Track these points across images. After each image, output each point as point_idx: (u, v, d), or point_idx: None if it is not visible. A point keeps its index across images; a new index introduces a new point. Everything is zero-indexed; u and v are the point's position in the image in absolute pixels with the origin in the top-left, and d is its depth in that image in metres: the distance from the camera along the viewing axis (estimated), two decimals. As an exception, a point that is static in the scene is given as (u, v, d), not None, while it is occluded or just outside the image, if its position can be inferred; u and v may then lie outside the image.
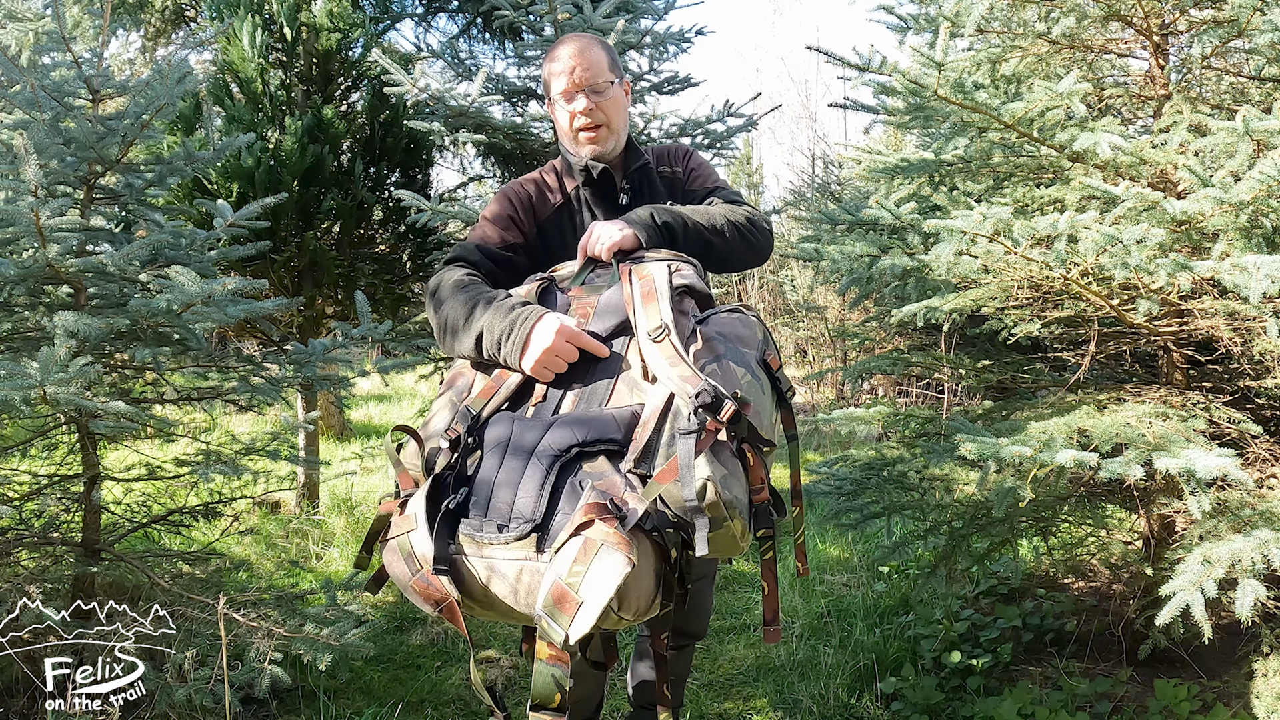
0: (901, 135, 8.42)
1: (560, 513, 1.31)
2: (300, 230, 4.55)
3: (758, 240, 1.94)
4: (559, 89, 1.94)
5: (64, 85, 2.69)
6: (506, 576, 1.32)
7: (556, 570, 1.22)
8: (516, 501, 1.34)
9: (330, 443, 7.40)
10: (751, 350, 1.53)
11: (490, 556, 1.33)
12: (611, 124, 1.96)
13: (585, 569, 1.19)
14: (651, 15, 4.67)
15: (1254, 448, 2.51)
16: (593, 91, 1.92)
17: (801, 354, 10.80)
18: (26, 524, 2.98)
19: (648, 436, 1.36)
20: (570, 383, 1.53)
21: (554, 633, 1.18)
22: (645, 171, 2.04)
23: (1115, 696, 2.73)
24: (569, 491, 1.33)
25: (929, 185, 2.91)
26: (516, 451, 1.39)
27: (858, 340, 5.10)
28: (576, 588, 1.19)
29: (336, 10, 4.58)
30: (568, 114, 1.95)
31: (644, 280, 1.58)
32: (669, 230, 1.81)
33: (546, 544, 1.29)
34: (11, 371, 2.20)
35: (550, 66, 1.96)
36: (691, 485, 1.27)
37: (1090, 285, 2.31)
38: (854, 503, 3.07)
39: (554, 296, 1.70)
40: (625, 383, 1.49)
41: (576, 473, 1.35)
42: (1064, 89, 2.30)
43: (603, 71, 1.93)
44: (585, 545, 1.21)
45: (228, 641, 2.46)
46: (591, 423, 1.40)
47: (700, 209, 1.91)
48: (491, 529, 1.33)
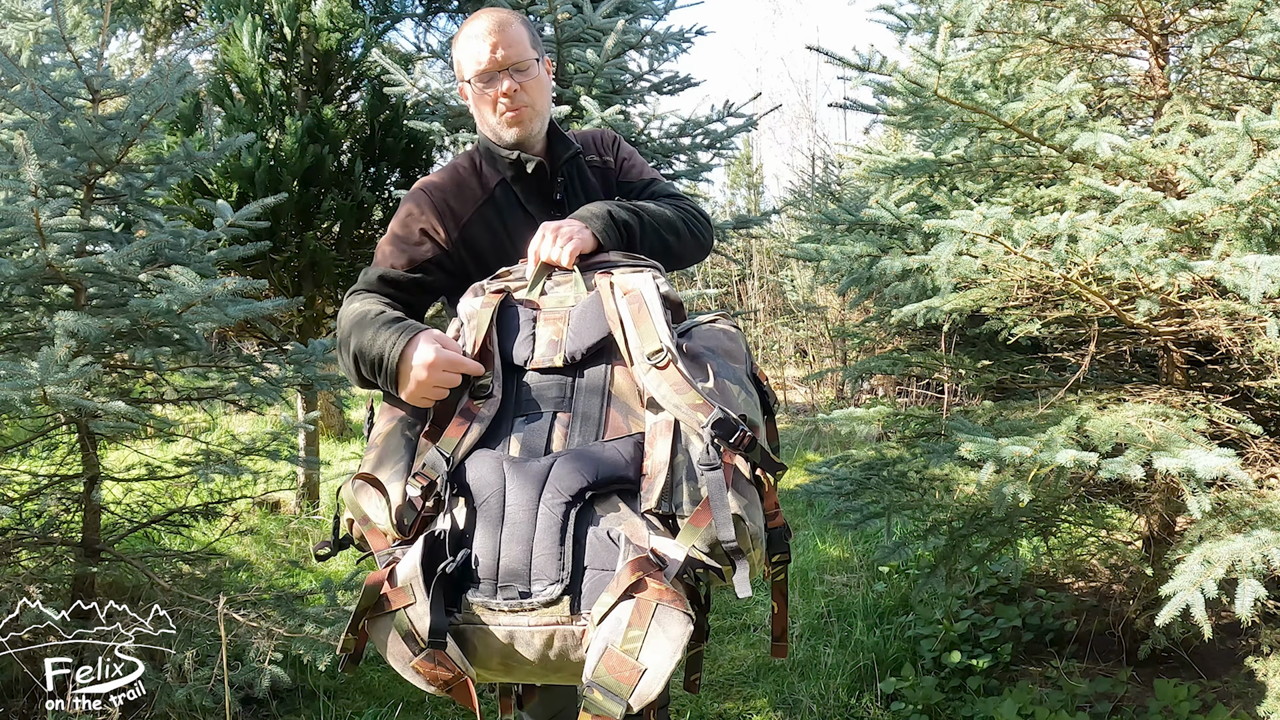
0: (901, 135, 8.42)
1: (590, 568, 1.19)
2: (300, 230, 4.56)
3: (705, 237, 1.82)
4: (475, 70, 1.71)
5: (64, 85, 2.69)
6: (533, 645, 1.20)
7: (606, 637, 1.13)
8: (534, 560, 1.20)
9: (330, 443, 7.39)
10: (741, 365, 1.45)
11: (511, 625, 1.20)
12: (535, 105, 1.73)
13: (643, 633, 1.11)
14: (651, 15, 4.68)
15: (1254, 448, 2.51)
16: (516, 71, 1.70)
17: (801, 354, 10.80)
18: (26, 524, 2.98)
19: (665, 474, 1.25)
20: (549, 407, 1.38)
21: (611, 704, 1.10)
22: (577, 162, 1.84)
23: (1115, 696, 2.73)
24: (593, 542, 1.21)
25: (929, 185, 2.91)
26: (518, 500, 1.24)
27: (858, 340, 5.10)
28: (636, 654, 1.11)
29: (336, 10, 4.59)
30: (489, 95, 1.72)
31: (630, 296, 1.42)
32: (627, 230, 1.65)
33: (581, 605, 1.18)
34: (11, 371, 2.20)
35: (464, 46, 1.73)
36: (729, 527, 1.19)
37: (1090, 285, 2.31)
38: (854, 503, 3.07)
39: (514, 313, 1.49)
40: (618, 408, 1.36)
41: (593, 519, 1.23)
42: (1064, 89, 2.30)
43: (525, 49, 1.71)
44: (639, 607, 1.12)
45: (228, 641, 2.46)
46: (598, 461, 1.27)
47: (652, 206, 1.75)
48: (511, 595, 1.19)
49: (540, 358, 1.42)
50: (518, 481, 1.26)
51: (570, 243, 1.54)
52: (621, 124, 3.90)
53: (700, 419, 1.26)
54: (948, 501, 2.94)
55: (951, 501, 2.94)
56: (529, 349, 1.43)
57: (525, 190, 1.79)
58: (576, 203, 1.78)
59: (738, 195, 14.61)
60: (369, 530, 1.32)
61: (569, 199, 1.80)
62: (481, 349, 1.43)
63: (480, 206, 1.77)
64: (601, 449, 1.30)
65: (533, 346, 1.43)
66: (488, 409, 1.37)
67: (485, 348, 1.43)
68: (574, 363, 1.41)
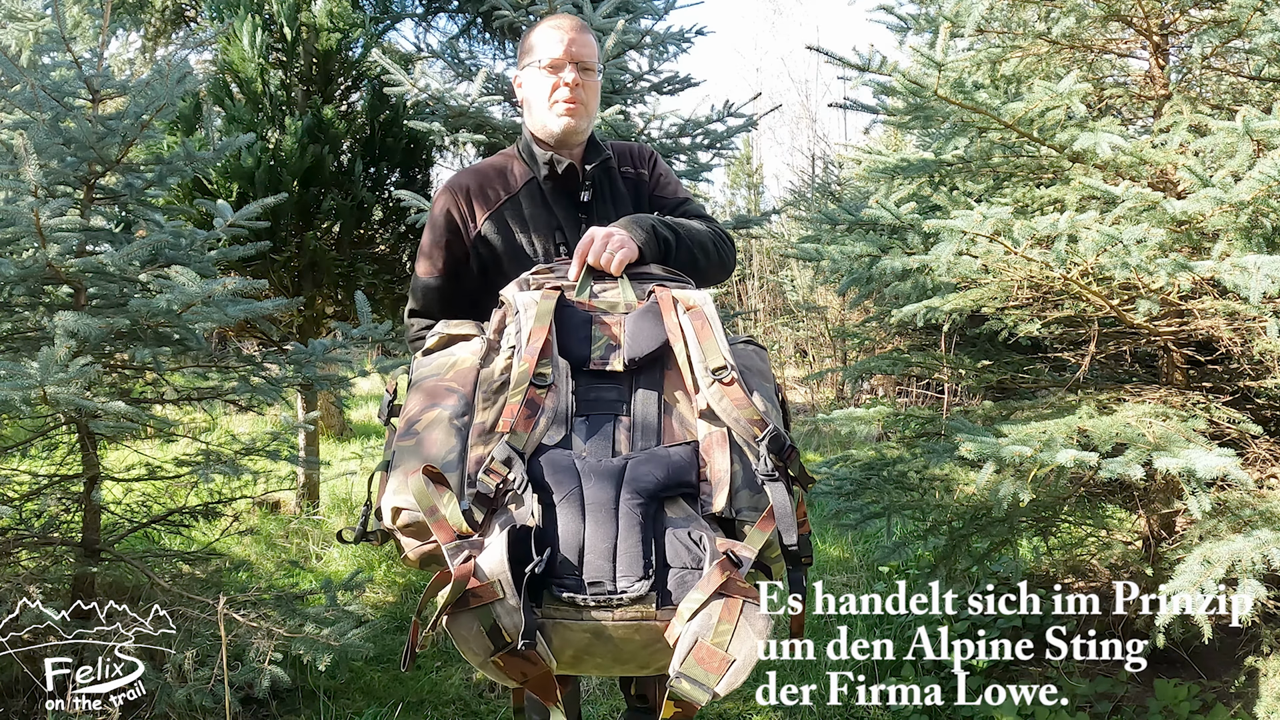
0: (901, 135, 8.42)
1: (671, 567, 1.29)
2: (300, 230, 4.55)
3: (730, 258, 1.93)
4: (550, 56, 1.84)
5: (64, 85, 2.69)
6: (613, 639, 1.28)
7: (696, 632, 1.23)
8: (619, 558, 1.28)
9: (330, 443, 7.39)
10: (770, 384, 1.56)
11: (598, 619, 1.27)
12: (588, 105, 1.88)
13: (732, 628, 1.23)
14: (651, 15, 4.67)
15: (1254, 448, 2.51)
16: (582, 69, 1.85)
17: (801, 354, 10.80)
18: (26, 524, 2.98)
19: (729, 481, 1.37)
20: (609, 409, 1.46)
21: (699, 693, 1.22)
22: (607, 169, 1.97)
23: (1115, 696, 2.73)
24: (672, 541, 1.31)
25: (929, 185, 2.91)
26: (597, 498, 1.32)
27: (858, 340, 5.10)
28: (725, 646, 1.23)
29: (336, 10, 4.58)
30: (551, 82, 1.85)
31: (694, 311, 1.51)
32: (665, 245, 1.75)
33: (665, 601, 1.28)
34: (11, 371, 2.20)
35: (545, 32, 1.87)
36: (793, 531, 1.32)
37: (1090, 285, 2.31)
38: (854, 503, 3.07)
39: (571, 311, 1.55)
40: (673, 416, 1.46)
41: (666, 519, 1.33)
42: (1064, 89, 2.30)
43: (594, 56, 1.88)
44: (728, 605, 1.24)
45: (228, 641, 2.46)
46: (667, 465, 1.38)
47: (689, 224, 1.86)
48: (599, 592, 1.27)
49: (598, 360, 1.49)
50: (594, 480, 1.33)
51: (621, 251, 1.63)
52: (621, 124, 3.90)
53: (756, 433, 1.39)
54: (948, 501, 2.94)
55: (951, 501, 2.94)
56: (586, 350, 1.50)
57: (554, 190, 1.91)
58: (603, 208, 1.91)
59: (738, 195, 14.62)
60: (435, 522, 1.32)
61: (596, 203, 1.92)
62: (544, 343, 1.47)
63: (505, 202, 1.89)
64: (668, 453, 1.40)
65: (589, 348, 1.50)
66: (551, 400, 1.42)
67: (546, 340, 1.47)
68: (630, 368, 1.49)
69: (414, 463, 1.41)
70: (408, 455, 1.43)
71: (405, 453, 1.44)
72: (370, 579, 4.05)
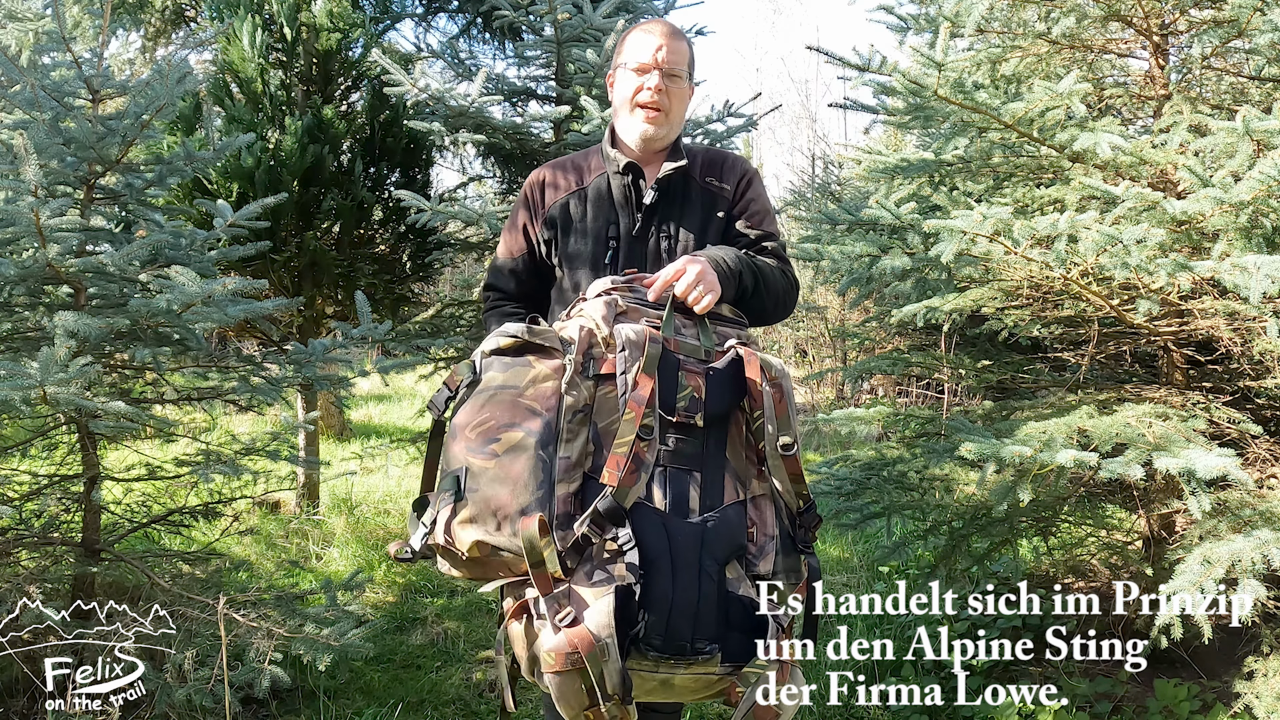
0: (901, 135, 8.42)
1: (735, 630, 1.45)
2: (300, 230, 4.55)
3: (791, 307, 1.97)
4: (639, 59, 1.87)
5: (64, 85, 2.68)
6: (675, 685, 1.45)
7: (756, 695, 1.43)
8: (698, 624, 1.41)
9: (330, 443, 7.39)
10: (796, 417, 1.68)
11: (670, 673, 1.43)
12: (671, 112, 1.89)
13: (782, 688, 1.45)
14: (651, 16, 4.67)
15: (1254, 448, 2.51)
16: (669, 75, 1.87)
17: (801, 354, 10.80)
18: (26, 524, 2.98)
19: (776, 545, 1.55)
20: (688, 464, 1.52)
21: None
22: (683, 177, 1.94)
23: (1115, 696, 2.73)
24: (735, 607, 1.46)
25: (929, 185, 2.91)
26: (684, 561, 1.42)
27: (858, 340, 5.10)
28: (780, 705, 1.44)
29: (336, 10, 4.58)
30: (635, 84, 1.88)
31: (774, 384, 1.56)
32: (743, 293, 1.78)
33: (728, 660, 1.45)
34: (11, 371, 2.20)
35: (636, 36, 1.91)
36: (817, 603, 1.55)
37: (1090, 285, 2.32)
38: (854, 503, 3.07)
39: (669, 359, 1.54)
40: (730, 474, 1.55)
41: (728, 582, 1.46)
42: (1064, 89, 2.30)
43: (684, 63, 1.90)
44: (783, 670, 1.46)
45: (228, 641, 2.46)
46: (734, 528, 1.50)
47: (769, 270, 1.86)
48: (681, 655, 1.41)
49: (683, 411, 1.52)
50: (679, 544, 1.43)
51: (709, 296, 1.65)
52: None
53: (800, 505, 1.57)
54: (948, 501, 2.94)
55: (951, 501, 2.94)
56: (672, 399, 1.52)
57: (620, 187, 1.94)
58: (667, 211, 1.92)
59: (738, 195, 14.55)
60: (538, 573, 1.35)
61: (660, 207, 1.92)
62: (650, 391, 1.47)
63: (574, 192, 1.95)
64: (733, 518, 1.51)
65: (675, 395, 1.52)
66: (650, 453, 1.46)
67: (651, 390, 1.48)
68: (708, 424, 1.54)
69: (498, 491, 1.41)
70: (489, 482, 1.42)
71: (485, 478, 1.42)
72: (370, 579, 4.05)
